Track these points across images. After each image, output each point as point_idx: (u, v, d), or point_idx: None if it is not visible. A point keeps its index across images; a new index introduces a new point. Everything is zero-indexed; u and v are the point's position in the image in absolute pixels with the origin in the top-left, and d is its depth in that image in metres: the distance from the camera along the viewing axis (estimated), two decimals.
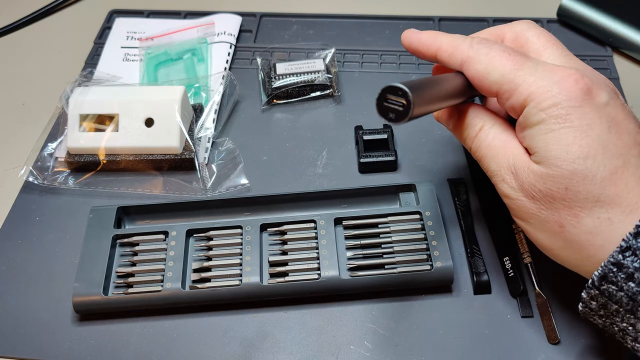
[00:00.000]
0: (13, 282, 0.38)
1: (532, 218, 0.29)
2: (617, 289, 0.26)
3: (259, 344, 0.35)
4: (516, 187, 0.29)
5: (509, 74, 0.29)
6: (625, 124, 0.28)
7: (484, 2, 0.57)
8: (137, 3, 0.58)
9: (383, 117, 0.26)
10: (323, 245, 0.37)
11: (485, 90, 0.30)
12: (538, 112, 0.28)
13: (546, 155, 0.28)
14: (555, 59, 0.31)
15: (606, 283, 0.27)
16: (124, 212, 0.40)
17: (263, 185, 0.43)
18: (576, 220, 0.28)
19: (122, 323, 0.36)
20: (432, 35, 0.32)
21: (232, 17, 0.54)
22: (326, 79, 0.47)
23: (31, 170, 0.43)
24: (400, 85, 0.25)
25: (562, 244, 0.29)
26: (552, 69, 0.28)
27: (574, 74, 0.28)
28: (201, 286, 0.36)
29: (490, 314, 0.36)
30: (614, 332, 0.29)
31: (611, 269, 0.26)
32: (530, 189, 0.29)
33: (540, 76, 0.28)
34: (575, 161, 0.27)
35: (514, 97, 0.29)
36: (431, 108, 0.29)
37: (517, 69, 0.29)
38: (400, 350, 0.34)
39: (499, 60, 0.29)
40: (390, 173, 0.43)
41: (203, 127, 0.45)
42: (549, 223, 0.29)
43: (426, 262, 0.37)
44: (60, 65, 0.53)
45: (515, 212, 0.31)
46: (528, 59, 0.29)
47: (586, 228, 0.27)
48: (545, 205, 0.28)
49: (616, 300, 0.27)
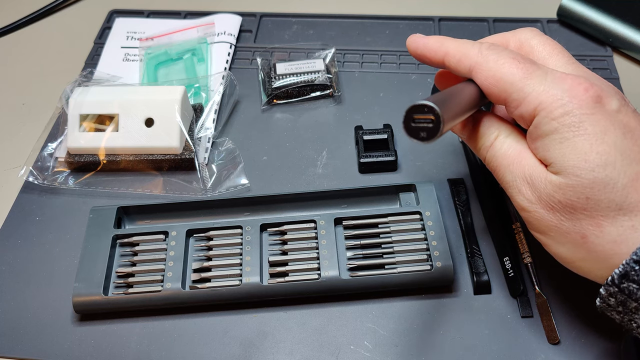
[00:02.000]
0: (13, 282, 0.38)
1: (552, 230, 0.29)
2: (638, 287, 0.26)
3: (259, 344, 0.35)
4: (533, 199, 0.29)
5: (518, 82, 0.28)
6: (639, 129, 0.28)
7: (484, 2, 0.57)
8: (137, 3, 0.58)
9: (414, 139, 0.25)
10: (323, 245, 0.37)
11: (494, 97, 0.30)
12: (550, 121, 0.27)
13: (564, 165, 0.27)
14: (561, 66, 0.30)
15: (627, 281, 0.26)
16: (124, 212, 0.40)
17: (263, 185, 0.43)
18: (599, 230, 0.27)
19: (122, 323, 0.36)
20: (439, 40, 0.32)
21: (232, 17, 0.54)
22: (326, 79, 0.47)
23: (31, 170, 0.43)
24: (425, 102, 0.24)
25: (585, 255, 0.28)
26: (561, 77, 0.28)
27: (583, 81, 0.28)
28: (201, 286, 0.36)
29: (490, 314, 0.36)
30: (632, 328, 0.28)
31: (633, 267, 0.26)
32: (549, 200, 0.28)
33: (550, 85, 0.28)
34: (594, 169, 0.26)
35: (523, 105, 0.28)
36: (456, 120, 0.28)
37: (526, 77, 0.28)
38: (400, 350, 0.34)
39: (508, 68, 0.29)
40: (390, 173, 0.43)
41: (203, 127, 0.45)
42: (570, 234, 0.28)
43: (426, 262, 0.37)
44: (60, 65, 0.53)
45: (533, 225, 0.30)
46: (537, 67, 0.29)
47: (610, 237, 0.27)
48: (566, 217, 0.28)
49: (636, 298, 0.26)
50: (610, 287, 0.27)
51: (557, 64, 0.31)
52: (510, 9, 0.56)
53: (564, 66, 0.30)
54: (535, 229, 0.30)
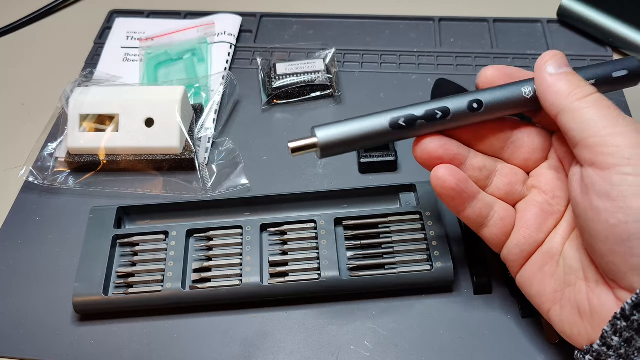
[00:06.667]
0: (13, 282, 0.38)
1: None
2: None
3: (259, 344, 0.35)
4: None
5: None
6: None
7: (484, 2, 0.57)
8: (137, 3, 0.58)
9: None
10: (323, 245, 0.37)
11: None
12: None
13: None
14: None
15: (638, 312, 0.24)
16: (124, 212, 0.40)
17: (263, 185, 0.43)
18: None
19: (122, 323, 0.36)
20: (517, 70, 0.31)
21: (232, 17, 0.54)
22: (326, 79, 0.47)
23: (31, 170, 0.43)
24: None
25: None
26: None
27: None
28: (201, 286, 0.36)
29: (490, 314, 0.36)
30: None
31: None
32: None
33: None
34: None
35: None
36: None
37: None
38: (400, 350, 0.34)
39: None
40: (390, 173, 0.43)
41: (203, 127, 0.45)
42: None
43: (426, 262, 0.37)
44: (60, 65, 0.53)
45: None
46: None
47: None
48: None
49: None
50: (618, 320, 0.25)
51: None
52: (510, 9, 0.56)
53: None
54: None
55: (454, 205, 0.31)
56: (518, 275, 0.32)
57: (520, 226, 0.31)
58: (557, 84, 0.28)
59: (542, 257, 0.30)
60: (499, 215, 0.31)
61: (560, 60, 0.29)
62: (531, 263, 0.31)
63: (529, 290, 0.31)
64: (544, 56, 0.29)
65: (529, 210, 0.31)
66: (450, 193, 0.30)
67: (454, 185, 0.30)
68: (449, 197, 0.30)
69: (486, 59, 0.51)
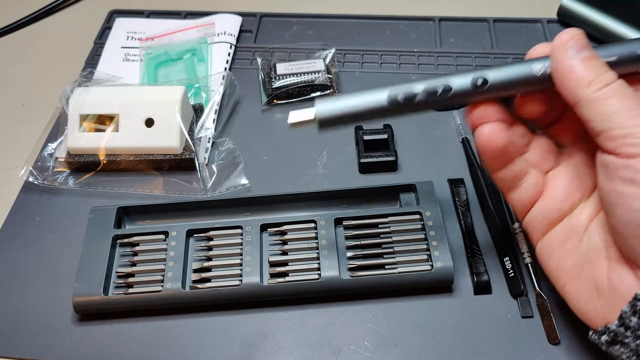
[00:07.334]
0: (13, 282, 0.38)
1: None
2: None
3: (259, 344, 0.35)
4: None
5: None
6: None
7: (484, 2, 0.57)
8: (137, 3, 0.58)
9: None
10: (323, 245, 0.37)
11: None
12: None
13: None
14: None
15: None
16: (124, 212, 0.40)
17: (263, 185, 0.43)
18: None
19: (122, 323, 0.36)
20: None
21: (232, 17, 0.54)
22: (326, 79, 0.47)
23: (31, 170, 0.43)
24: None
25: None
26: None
27: None
28: (201, 286, 0.36)
29: (490, 314, 0.36)
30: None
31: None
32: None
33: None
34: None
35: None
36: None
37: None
38: (400, 350, 0.34)
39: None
40: (390, 173, 0.43)
41: (203, 127, 0.45)
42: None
43: (426, 262, 0.37)
44: (60, 65, 0.53)
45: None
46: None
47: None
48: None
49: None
50: (638, 301, 0.25)
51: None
52: (510, 9, 0.56)
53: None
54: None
55: (493, 164, 0.31)
56: (538, 244, 0.32)
57: (547, 194, 0.31)
58: (577, 70, 0.27)
59: (565, 231, 0.30)
60: (531, 182, 0.31)
61: (581, 42, 0.28)
62: (553, 235, 0.31)
63: (547, 262, 0.31)
64: (561, 35, 0.28)
65: (558, 179, 0.31)
66: (494, 153, 0.30)
67: (502, 145, 0.30)
68: (492, 156, 0.30)
69: (486, 59, 0.51)
